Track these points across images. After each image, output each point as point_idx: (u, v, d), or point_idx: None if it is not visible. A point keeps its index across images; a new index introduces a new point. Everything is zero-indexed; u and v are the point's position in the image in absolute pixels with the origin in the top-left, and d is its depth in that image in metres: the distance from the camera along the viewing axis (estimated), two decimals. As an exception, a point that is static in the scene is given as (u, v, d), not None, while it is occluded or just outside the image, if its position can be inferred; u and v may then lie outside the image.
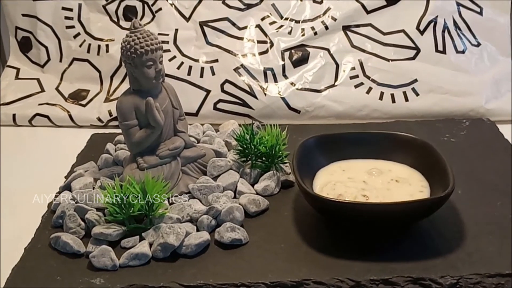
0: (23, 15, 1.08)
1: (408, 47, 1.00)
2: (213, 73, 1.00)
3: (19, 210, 0.75)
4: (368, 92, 0.97)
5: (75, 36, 1.07)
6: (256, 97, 0.97)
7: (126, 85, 0.83)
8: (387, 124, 0.93)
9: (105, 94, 1.03)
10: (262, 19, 1.04)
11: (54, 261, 0.62)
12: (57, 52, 1.08)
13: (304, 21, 1.03)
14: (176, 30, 1.04)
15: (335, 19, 1.02)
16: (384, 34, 1.02)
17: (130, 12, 1.07)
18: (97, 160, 0.79)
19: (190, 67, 1.00)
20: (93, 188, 0.72)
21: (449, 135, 0.87)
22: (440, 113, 0.96)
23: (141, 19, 1.06)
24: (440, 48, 1.00)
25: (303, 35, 1.02)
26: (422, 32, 1.01)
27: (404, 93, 0.97)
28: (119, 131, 0.74)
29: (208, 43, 1.03)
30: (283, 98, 0.97)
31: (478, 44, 1.02)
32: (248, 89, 0.98)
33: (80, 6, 1.07)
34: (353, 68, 1.00)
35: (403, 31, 1.01)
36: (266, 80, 0.99)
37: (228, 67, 1.00)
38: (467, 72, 1.00)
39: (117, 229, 0.64)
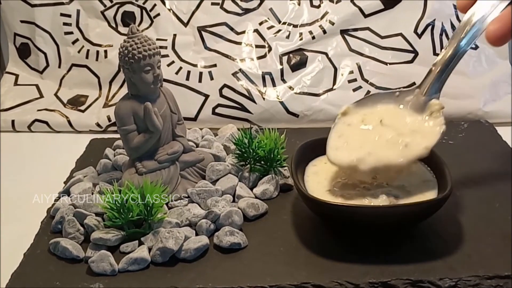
0: (22, 21, 1.08)
1: (406, 50, 1.01)
2: (212, 78, 1.00)
3: (18, 216, 0.75)
4: (366, 95, 0.97)
5: (73, 42, 1.07)
6: (254, 102, 0.97)
7: (124, 91, 0.83)
8: (386, 127, 0.92)
9: (104, 99, 1.03)
10: (260, 23, 1.04)
11: (53, 266, 0.62)
12: (56, 58, 1.08)
13: (302, 25, 1.04)
14: (174, 35, 1.04)
15: (332, 23, 1.02)
16: (382, 37, 1.02)
17: (128, 18, 1.07)
18: (96, 165, 0.80)
19: (189, 72, 1.00)
20: (92, 193, 0.72)
21: (447, 137, 0.87)
22: (438, 116, 0.96)
23: (139, 24, 1.06)
24: (438, 51, 1.00)
25: (301, 39, 1.02)
26: (420, 36, 1.01)
27: (402, 96, 0.97)
28: (118, 136, 0.74)
29: (206, 48, 1.03)
30: (281, 102, 0.97)
31: (476, 47, 1.02)
32: (247, 94, 0.98)
33: (78, 12, 1.07)
34: (351, 72, 1.00)
35: (401, 34, 1.01)
36: (264, 85, 0.99)
37: (227, 71, 1.00)
38: (465, 75, 0.99)
39: (116, 234, 0.64)
